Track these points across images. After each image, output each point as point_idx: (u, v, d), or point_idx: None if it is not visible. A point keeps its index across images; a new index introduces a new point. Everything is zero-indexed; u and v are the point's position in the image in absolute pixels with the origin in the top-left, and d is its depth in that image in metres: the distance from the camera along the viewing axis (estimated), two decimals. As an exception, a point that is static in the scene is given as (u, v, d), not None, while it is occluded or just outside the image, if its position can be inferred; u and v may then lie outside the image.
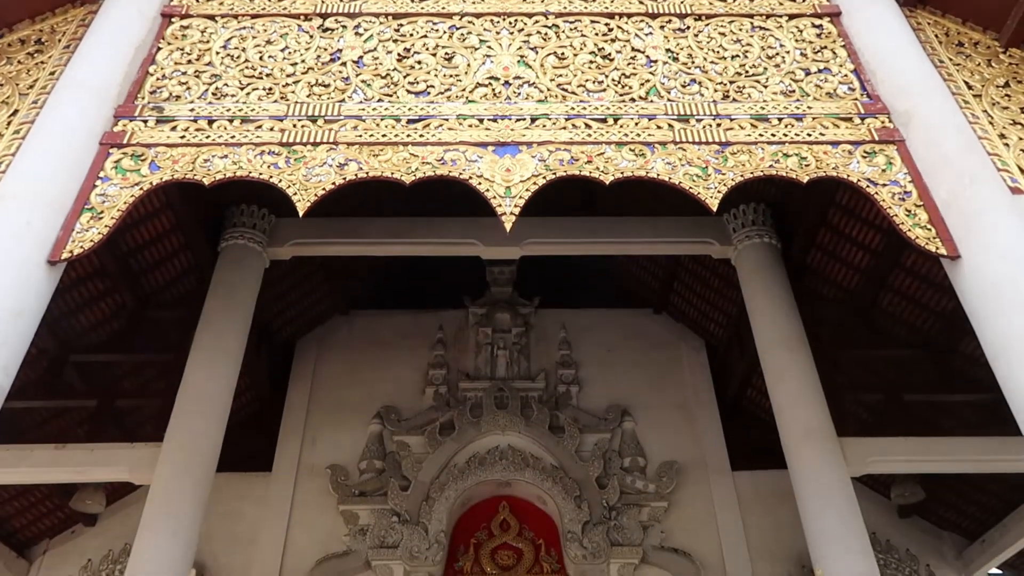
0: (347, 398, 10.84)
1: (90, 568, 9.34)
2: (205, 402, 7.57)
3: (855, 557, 6.86)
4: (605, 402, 10.79)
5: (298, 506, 9.87)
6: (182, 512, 6.90)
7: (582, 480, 9.73)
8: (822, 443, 7.50)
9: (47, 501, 9.54)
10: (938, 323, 8.96)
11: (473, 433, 10.12)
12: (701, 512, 9.93)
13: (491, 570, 9.68)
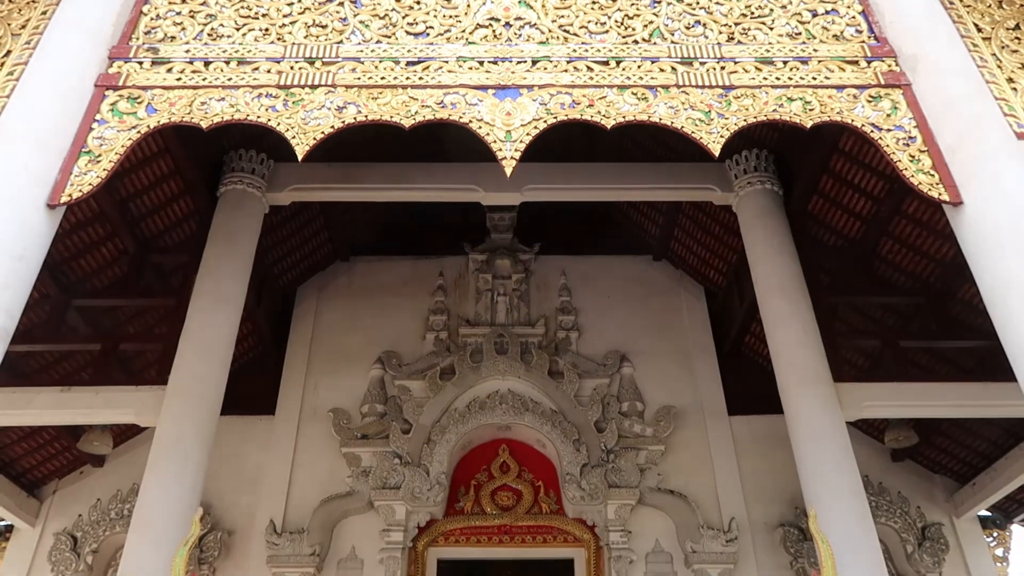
0: (348, 344, 10.93)
1: (99, 507, 9.55)
2: (208, 346, 7.64)
3: (848, 499, 7.01)
4: (604, 348, 10.88)
5: (301, 448, 10.04)
6: (188, 453, 7.03)
7: (581, 424, 9.87)
8: (818, 388, 7.59)
9: (55, 443, 9.70)
10: (937, 270, 8.97)
11: (473, 378, 10.23)
12: (697, 455, 10.10)
13: (491, 510, 9.91)
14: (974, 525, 10.16)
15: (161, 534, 6.44)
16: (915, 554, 9.46)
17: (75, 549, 9.25)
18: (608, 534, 9.29)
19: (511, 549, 9.80)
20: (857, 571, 6.30)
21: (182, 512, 6.57)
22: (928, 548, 9.52)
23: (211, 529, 9.27)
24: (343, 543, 9.36)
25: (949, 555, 9.60)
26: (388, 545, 9.17)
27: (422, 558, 9.57)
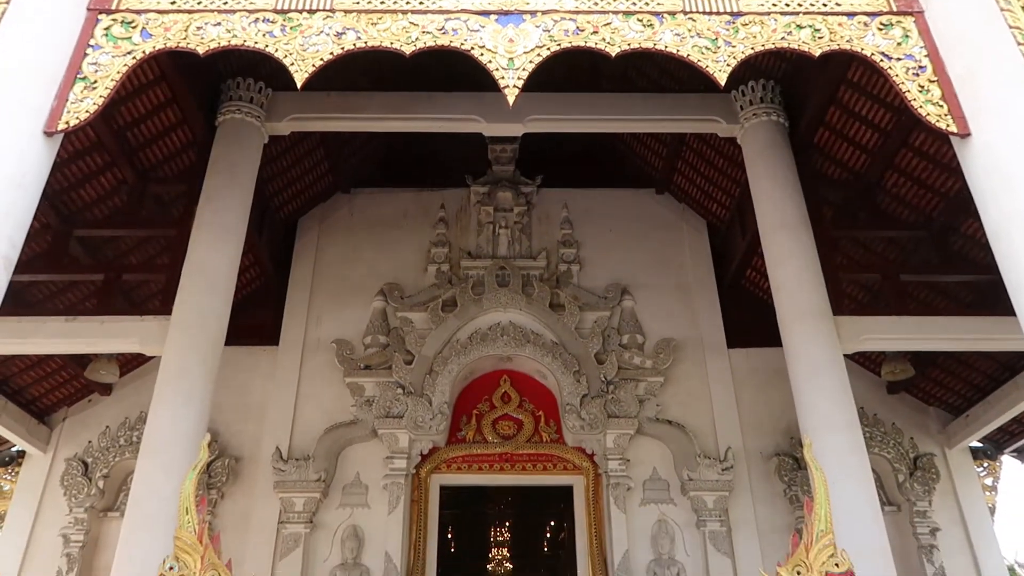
0: (350, 275, 10.96)
1: (108, 434, 9.76)
2: (210, 277, 7.66)
3: (842, 430, 7.13)
4: (605, 281, 10.91)
5: (305, 379, 10.18)
6: (193, 382, 7.12)
7: (581, 356, 9.99)
8: (817, 321, 7.64)
9: (63, 371, 9.84)
10: (941, 204, 8.92)
11: (475, 310, 10.30)
12: (695, 387, 10.25)
13: (492, 439, 10.11)
14: (965, 456, 10.38)
15: (170, 460, 6.59)
16: (906, 483, 9.69)
17: (86, 474, 9.48)
18: (607, 462, 9.50)
19: (512, 476, 10.05)
20: (849, 498, 6.45)
21: (190, 438, 6.70)
22: (919, 477, 9.75)
23: (219, 456, 9.48)
24: (348, 469, 9.60)
25: (939, 484, 9.84)
26: (392, 472, 9.40)
27: (425, 484, 9.82)
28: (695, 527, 9.29)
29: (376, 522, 9.24)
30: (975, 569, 9.51)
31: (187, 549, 4.68)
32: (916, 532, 9.48)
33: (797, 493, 9.28)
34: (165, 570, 4.58)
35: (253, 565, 8.30)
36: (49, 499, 9.55)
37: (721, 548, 9.10)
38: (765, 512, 9.46)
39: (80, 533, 9.16)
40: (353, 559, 9.03)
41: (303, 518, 9.14)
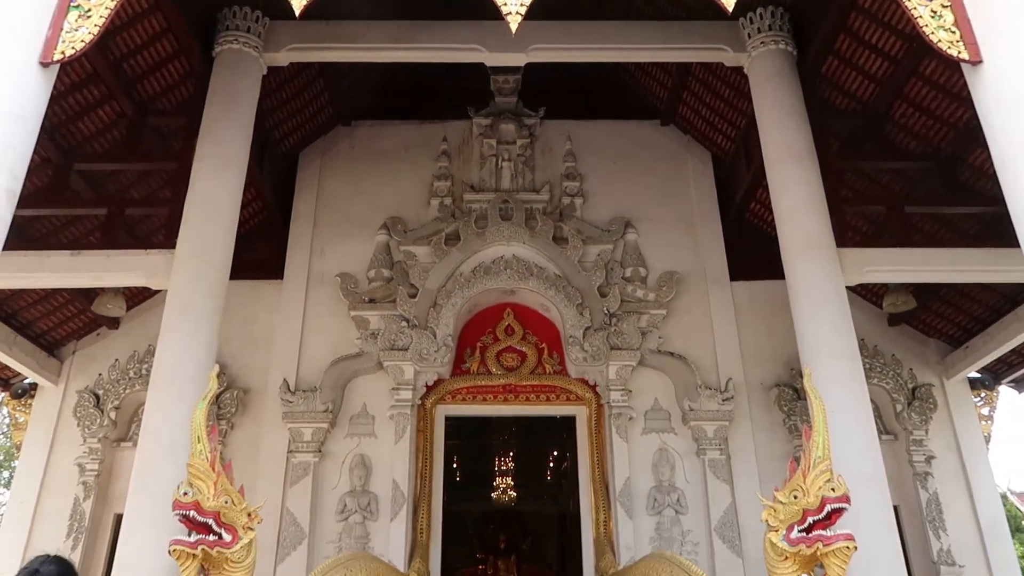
0: (352, 209, 10.93)
1: (118, 367, 9.91)
2: (213, 210, 7.65)
3: (843, 361, 7.22)
4: (609, 214, 10.88)
5: (311, 312, 10.27)
6: (200, 315, 7.19)
7: (584, 289, 10.04)
8: (820, 253, 7.65)
9: (70, 305, 9.93)
10: (949, 134, 8.81)
11: (478, 243, 10.31)
12: (698, 319, 10.33)
13: (496, 370, 10.26)
14: (963, 386, 10.52)
15: (180, 390, 6.71)
16: (904, 413, 9.85)
17: (98, 406, 9.67)
18: (609, 393, 9.65)
19: (515, 407, 10.24)
20: (847, 427, 6.57)
21: (198, 369, 6.80)
22: (917, 407, 9.90)
23: (227, 387, 9.65)
24: (354, 401, 9.77)
25: (936, 414, 10.00)
26: (397, 402, 9.57)
27: (430, 415, 10.01)
28: (695, 455, 9.49)
29: (383, 451, 9.46)
30: (968, 496, 9.75)
31: (200, 476, 4.80)
32: (912, 460, 9.69)
33: (796, 423, 9.44)
34: (180, 496, 4.69)
35: (264, 492, 8.52)
36: (63, 430, 9.77)
37: (720, 476, 9.32)
38: (764, 441, 9.65)
39: (95, 462, 9.40)
40: (361, 486, 9.27)
41: (312, 447, 9.36)
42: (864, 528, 5.68)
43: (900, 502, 9.28)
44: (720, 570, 8.73)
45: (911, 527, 9.51)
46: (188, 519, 4.71)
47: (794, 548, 4.92)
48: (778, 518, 5.03)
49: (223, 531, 4.83)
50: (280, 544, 8.90)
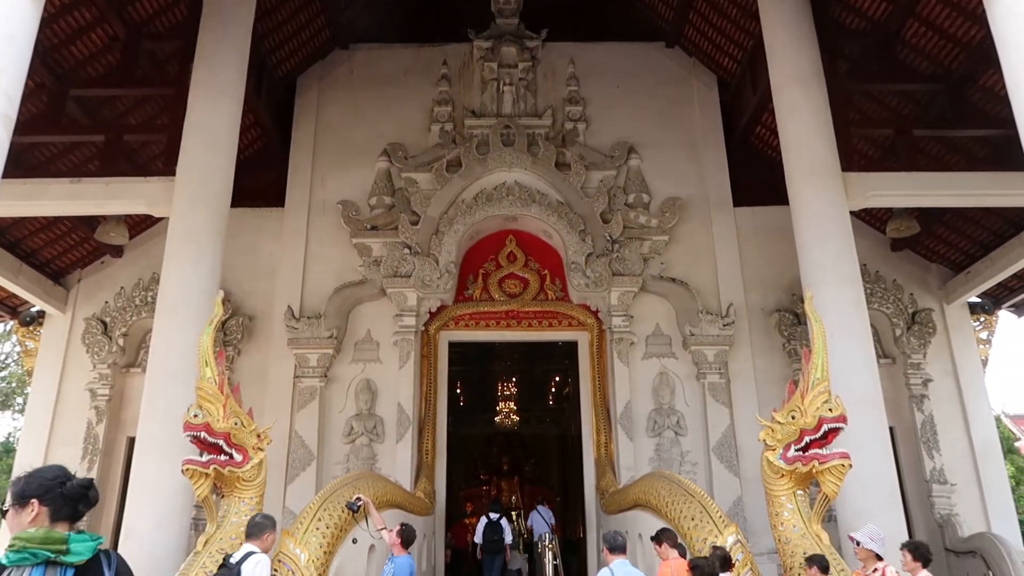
0: (352, 136, 10.80)
1: (123, 295, 9.98)
2: (212, 137, 7.57)
3: (844, 285, 7.25)
4: (612, 139, 10.74)
5: (313, 240, 10.27)
6: (203, 241, 7.21)
7: (587, 215, 10.00)
8: (825, 178, 7.58)
9: (73, 234, 9.94)
10: (961, 55, 8.61)
11: (480, 170, 10.22)
12: (700, 245, 10.32)
13: (499, 297, 10.32)
14: (963, 311, 10.58)
15: (186, 317, 6.78)
16: (903, 337, 9.94)
17: (106, 333, 9.78)
18: (611, 319, 9.74)
19: (518, 332, 10.34)
20: (846, 350, 6.65)
21: (203, 296, 6.86)
22: (916, 332, 9.99)
23: (232, 315, 9.73)
24: (359, 327, 9.87)
25: (935, 338, 10.09)
26: (401, 329, 9.67)
27: (434, 340, 10.12)
28: (695, 379, 9.64)
29: (388, 376, 9.61)
30: (963, 418, 9.93)
31: (209, 399, 4.90)
32: (909, 383, 9.83)
33: (796, 347, 9.54)
34: (190, 417, 4.81)
35: (272, 416, 8.69)
36: (73, 357, 9.91)
37: (720, 398, 9.48)
38: (764, 365, 9.78)
39: (105, 388, 9.57)
40: (367, 410, 9.46)
41: (318, 373, 9.50)
42: (859, 448, 5.81)
43: (896, 424, 9.46)
44: (718, 489, 8.97)
45: (906, 448, 9.72)
46: (199, 440, 4.85)
47: (790, 466, 5.06)
48: (775, 438, 5.16)
49: (234, 451, 4.97)
50: (290, 465, 9.14)
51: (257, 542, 4.27)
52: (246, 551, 4.19)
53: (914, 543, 4.56)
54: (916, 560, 4.46)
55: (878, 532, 4.62)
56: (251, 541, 4.28)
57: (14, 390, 19.86)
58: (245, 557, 4.14)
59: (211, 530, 5.00)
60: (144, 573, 5.79)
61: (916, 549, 4.49)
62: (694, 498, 5.87)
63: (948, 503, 9.40)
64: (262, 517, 4.53)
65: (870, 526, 4.69)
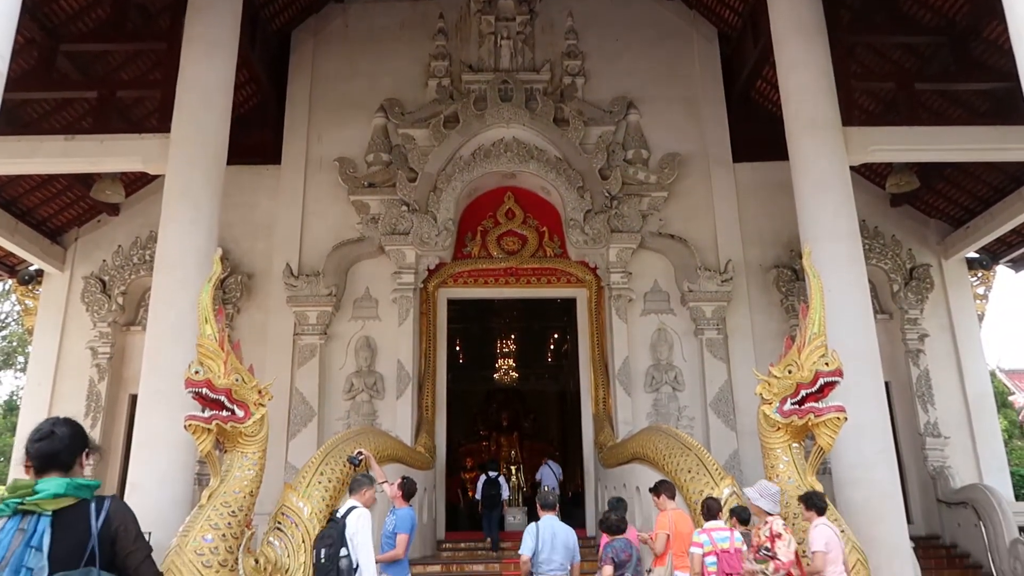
0: (348, 91, 10.67)
1: (121, 253, 9.96)
2: (206, 93, 7.47)
3: (842, 241, 7.25)
4: (611, 94, 10.63)
5: (310, 197, 10.22)
6: (200, 198, 7.16)
7: (585, 171, 9.94)
8: (826, 132, 7.52)
9: (69, 192, 9.88)
10: (966, 6, 8.47)
11: (477, 126, 10.12)
12: (699, 201, 10.28)
13: (497, 254, 10.32)
14: (961, 266, 10.60)
15: (185, 274, 6.77)
16: (900, 292, 9.98)
17: (105, 292, 9.79)
18: (609, 275, 9.75)
19: (517, 289, 10.37)
20: (844, 305, 6.68)
21: (201, 253, 6.85)
22: (914, 287, 10.02)
23: (231, 273, 9.74)
24: (358, 284, 9.88)
25: (932, 294, 10.13)
26: (400, 286, 9.68)
27: (433, 298, 10.15)
28: (693, 335, 9.69)
29: (387, 333, 9.66)
30: (958, 373, 10.01)
31: (210, 355, 4.93)
32: (905, 338, 9.89)
33: (794, 303, 9.57)
34: (191, 374, 4.84)
35: (273, 373, 8.73)
36: (72, 315, 9.93)
37: (717, 354, 9.55)
38: (761, 320, 9.82)
39: (106, 346, 9.62)
40: (367, 367, 9.53)
41: (317, 330, 9.54)
42: (855, 401, 5.86)
43: (892, 378, 9.55)
44: (714, 443, 9.08)
45: (901, 401, 9.83)
46: (201, 396, 4.88)
47: (786, 419, 5.12)
48: (772, 391, 5.21)
49: (235, 407, 5.01)
50: (291, 421, 9.24)
51: (357, 497, 4.57)
52: (349, 506, 4.51)
53: (807, 494, 4.66)
54: (810, 510, 4.57)
55: (768, 488, 4.59)
56: (353, 497, 4.60)
57: (15, 349, 19.96)
58: (349, 511, 4.45)
59: (215, 484, 5.06)
60: (149, 527, 5.89)
61: (808, 499, 4.61)
62: (691, 451, 5.96)
63: (941, 456, 9.54)
64: (362, 476, 4.91)
65: (761, 482, 4.70)
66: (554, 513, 4.86)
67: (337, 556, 4.09)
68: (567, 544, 4.62)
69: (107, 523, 1.85)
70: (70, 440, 1.94)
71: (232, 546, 4.84)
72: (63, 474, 1.90)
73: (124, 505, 1.93)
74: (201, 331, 5.01)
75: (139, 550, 1.87)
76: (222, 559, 4.76)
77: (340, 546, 4.15)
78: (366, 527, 4.33)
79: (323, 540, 4.24)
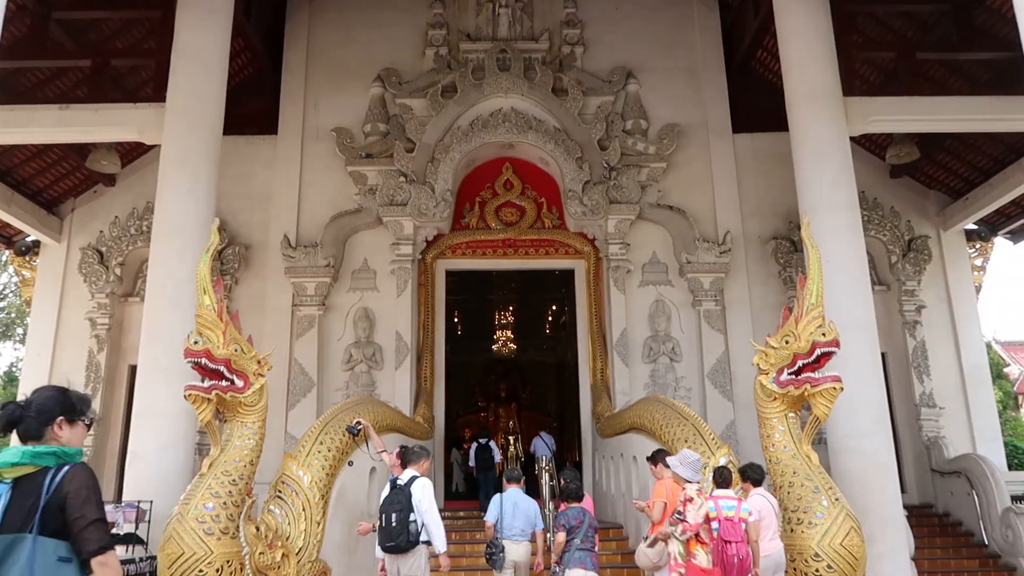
0: (345, 60, 10.57)
1: (118, 224, 9.92)
2: (201, 62, 7.38)
3: (841, 211, 7.23)
4: (610, 64, 10.53)
5: (307, 168, 10.16)
6: (197, 168, 7.12)
7: (584, 142, 9.88)
8: (826, 102, 7.47)
9: (64, 162, 9.81)
10: (970, -27, 8.38)
11: (476, 96, 10.04)
12: (698, 172, 10.24)
13: (495, 225, 10.29)
14: (959, 237, 10.60)
15: (182, 245, 6.76)
16: (898, 264, 9.98)
17: (103, 263, 9.77)
18: (608, 246, 9.74)
19: (515, 261, 10.37)
20: (841, 276, 6.69)
21: (199, 224, 6.82)
22: (912, 259, 10.02)
23: (229, 244, 9.71)
24: (355, 256, 9.87)
25: (930, 265, 10.14)
26: (398, 257, 9.67)
27: (431, 269, 10.15)
28: (691, 306, 9.71)
29: (386, 304, 9.66)
30: (954, 344, 10.06)
31: (208, 326, 4.93)
32: (903, 309, 9.92)
33: (791, 275, 9.59)
34: (190, 344, 4.85)
35: (271, 343, 8.72)
36: (70, 286, 9.92)
37: (715, 325, 9.58)
38: (759, 292, 9.84)
39: (105, 317, 9.62)
40: (366, 338, 9.55)
41: (315, 301, 9.55)
42: (851, 372, 5.90)
43: (888, 349, 9.60)
44: (711, 413, 9.13)
45: (897, 372, 9.88)
46: (200, 366, 4.90)
47: (783, 389, 5.14)
48: (769, 362, 5.23)
49: (235, 377, 5.03)
50: (290, 392, 9.28)
51: (415, 467, 4.78)
52: (411, 475, 4.73)
53: (743, 467, 4.83)
54: (745, 481, 4.72)
55: (688, 456, 4.61)
56: (411, 467, 4.80)
57: (14, 320, 19.96)
58: (411, 480, 4.69)
59: (215, 453, 5.10)
60: (150, 496, 5.96)
61: (744, 472, 4.77)
62: (688, 421, 6.00)
63: (936, 426, 9.62)
64: (418, 447, 5.15)
65: (684, 451, 4.76)
66: (519, 486, 5.41)
67: (407, 520, 4.44)
68: (527, 514, 5.19)
69: (58, 489, 1.86)
70: (36, 410, 1.94)
71: (233, 514, 4.90)
72: (35, 443, 1.91)
73: (83, 472, 1.91)
74: (200, 301, 5.00)
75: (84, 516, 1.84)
76: (223, 527, 4.82)
77: (409, 511, 4.48)
78: (430, 494, 4.67)
79: (392, 505, 4.53)
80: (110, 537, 1.85)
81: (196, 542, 4.72)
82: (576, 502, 5.02)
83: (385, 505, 4.56)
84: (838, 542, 4.81)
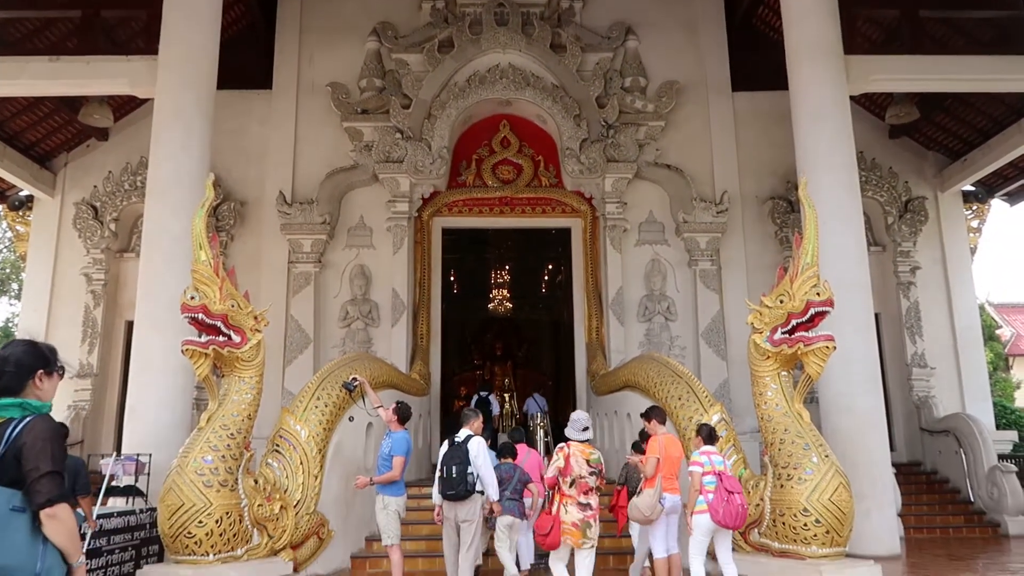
0: (340, 13, 10.38)
1: (112, 179, 9.84)
2: (194, 13, 7.26)
3: (839, 172, 7.21)
4: (609, 19, 10.37)
5: (302, 123, 10.05)
6: (190, 122, 7.04)
7: (582, 99, 9.78)
8: (827, 61, 7.40)
9: (56, 115, 9.70)
10: (977, -71, 8.23)
11: (473, 51, 9.90)
12: (696, 131, 10.17)
13: (492, 183, 10.24)
14: (956, 199, 10.60)
15: (177, 200, 6.72)
16: (895, 225, 9.99)
17: (97, 218, 9.72)
18: (605, 205, 9.71)
19: (512, 219, 10.33)
20: (837, 236, 6.69)
21: (193, 179, 6.77)
22: (908, 220, 10.02)
23: (224, 200, 9.66)
24: (351, 213, 9.83)
25: (926, 226, 10.15)
26: (394, 214, 9.63)
27: (427, 227, 10.12)
28: (687, 266, 9.72)
29: (382, 262, 9.66)
30: (947, 305, 10.13)
31: (205, 281, 4.94)
32: (897, 270, 9.96)
33: (788, 235, 9.58)
34: (187, 300, 4.86)
35: (268, 300, 8.74)
36: (65, 241, 9.89)
37: (710, 285, 9.61)
38: (755, 251, 9.85)
39: (100, 272, 9.61)
40: (362, 295, 9.56)
41: (311, 258, 9.54)
42: (845, 331, 5.95)
43: (881, 310, 9.66)
44: (705, 372, 9.22)
45: (890, 332, 9.96)
46: (197, 321, 4.92)
47: (776, 348, 5.20)
48: (763, 321, 5.28)
49: (232, 332, 5.07)
50: (287, 348, 9.31)
51: (469, 427, 5.10)
52: (466, 434, 5.05)
53: (700, 425, 5.09)
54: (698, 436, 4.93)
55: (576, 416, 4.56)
56: (465, 427, 5.12)
57: (8, 276, 19.91)
58: (467, 438, 5.00)
59: (213, 408, 5.17)
60: (149, 449, 6.02)
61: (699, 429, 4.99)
62: (681, 379, 6.06)
63: (927, 386, 9.73)
64: (469, 409, 5.57)
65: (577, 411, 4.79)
66: None
67: (465, 473, 4.90)
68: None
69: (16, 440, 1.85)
70: (15, 364, 1.93)
71: (232, 467, 4.98)
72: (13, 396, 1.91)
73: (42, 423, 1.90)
74: (196, 257, 5.01)
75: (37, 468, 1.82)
76: (222, 479, 4.90)
77: (466, 465, 4.92)
78: (484, 451, 5.05)
79: (452, 459, 4.95)
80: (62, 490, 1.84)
81: (195, 494, 4.80)
82: (511, 458, 5.52)
83: (446, 459, 4.99)
84: (827, 497, 4.91)
